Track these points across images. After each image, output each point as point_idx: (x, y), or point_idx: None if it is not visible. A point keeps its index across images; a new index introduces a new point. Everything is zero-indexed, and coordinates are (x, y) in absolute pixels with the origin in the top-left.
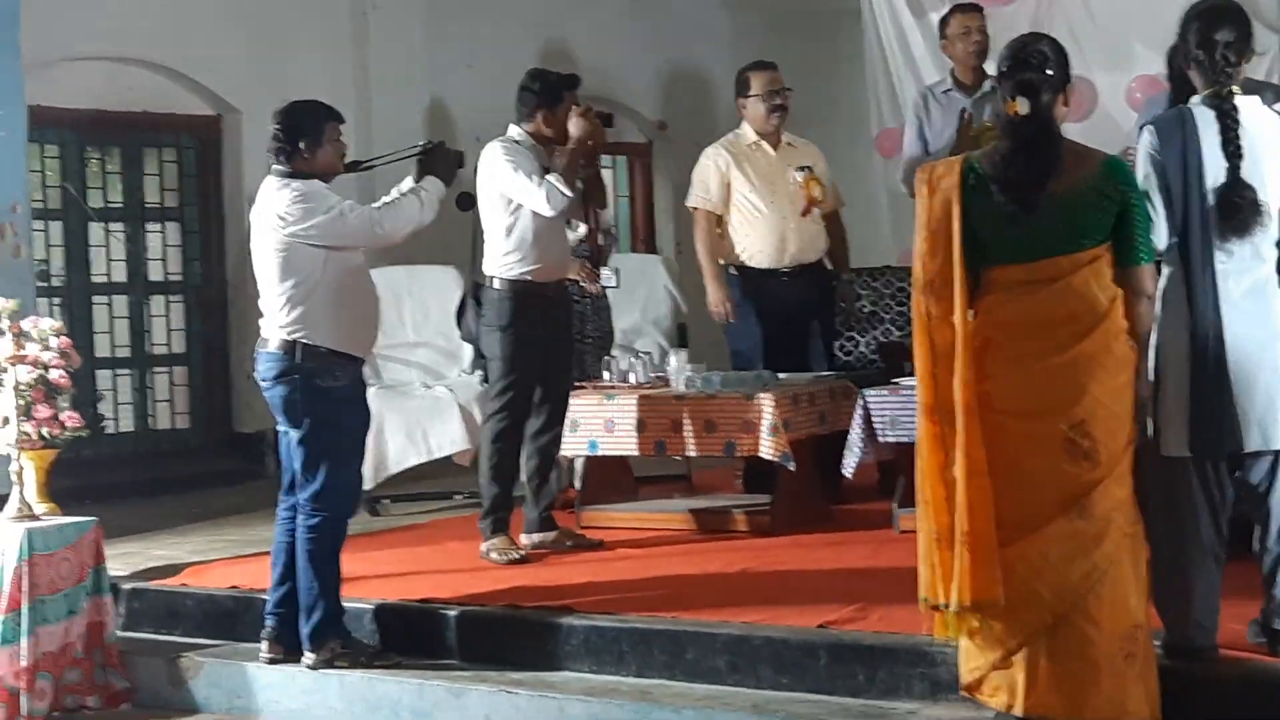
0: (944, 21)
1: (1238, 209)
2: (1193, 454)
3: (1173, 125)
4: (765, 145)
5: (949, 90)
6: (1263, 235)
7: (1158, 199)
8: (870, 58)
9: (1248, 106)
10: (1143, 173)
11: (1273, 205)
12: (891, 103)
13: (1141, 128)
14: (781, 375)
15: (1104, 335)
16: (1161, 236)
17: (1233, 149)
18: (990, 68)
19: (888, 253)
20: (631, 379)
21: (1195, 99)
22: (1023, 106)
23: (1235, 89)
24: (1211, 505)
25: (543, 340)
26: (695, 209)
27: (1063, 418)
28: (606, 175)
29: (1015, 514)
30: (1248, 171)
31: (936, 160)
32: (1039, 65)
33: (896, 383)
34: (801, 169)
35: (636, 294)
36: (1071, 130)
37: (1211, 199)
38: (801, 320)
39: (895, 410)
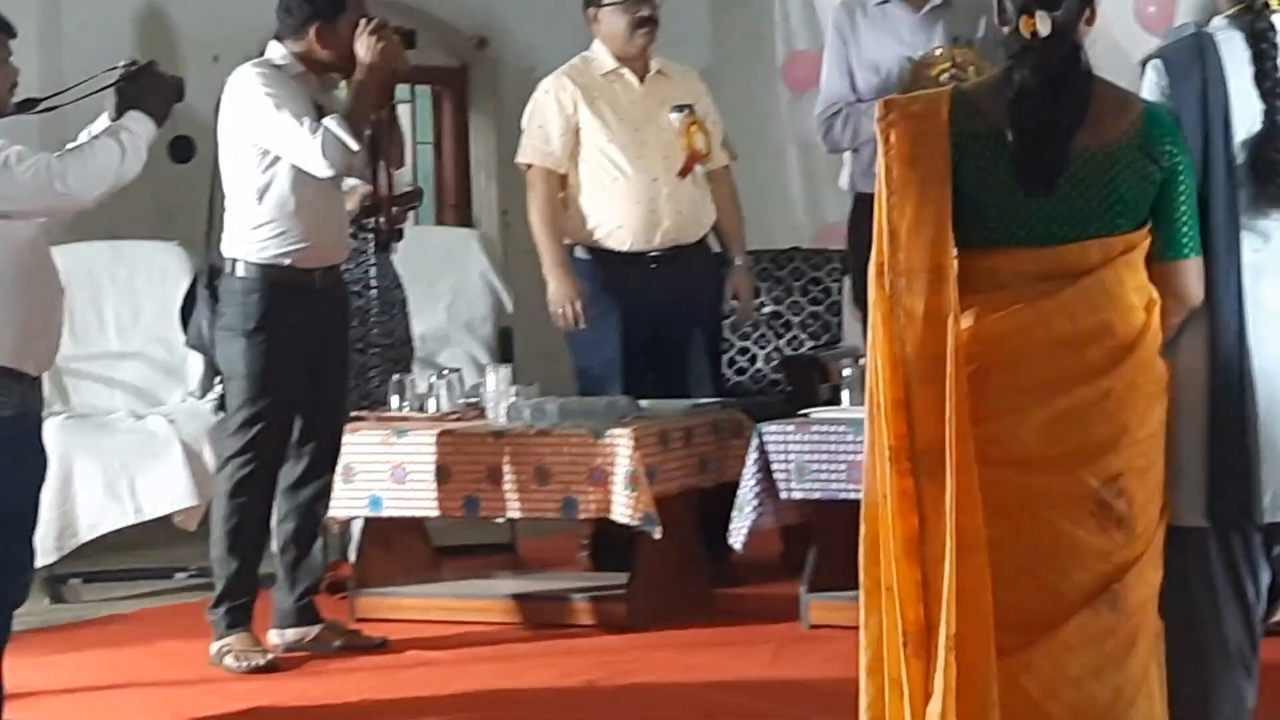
0: None
1: (1278, 168)
2: (1213, 523)
3: (1189, 58)
4: (628, 75)
5: (885, 2)
6: None
7: None
8: None
9: None
10: None
11: None
12: (806, 17)
13: (1144, 63)
14: (645, 403)
15: (1146, 355)
16: None
17: (1271, 85)
18: None
19: (798, 229)
20: (432, 406)
21: (1217, 20)
22: (1043, 25)
23: (1274, 4)
24: (1239, 593)
25: (306, 351)
26: (529, 166)
27: (1093, 469)
28: (404, 113)
29: (1020, 608)
30: None
31: (893, 95)
32: None
33: (807, 414)
34: (679, 109)
35: (442, 284)
36: None
37: (1241, 157)
38: (677, 324)
39: (805, 454)
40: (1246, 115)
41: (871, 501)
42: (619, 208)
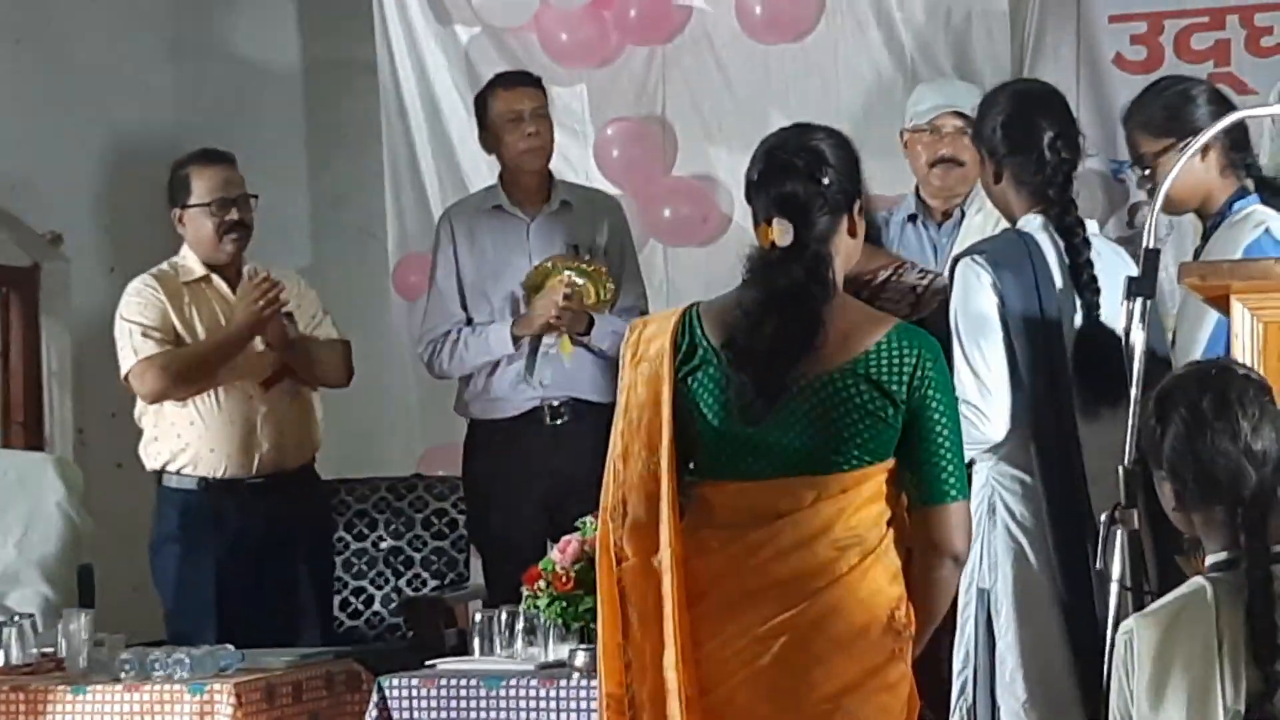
0: (481, 102)
1: (1103, 364)
2: None
3: (1017, 256)
4: (218, 283)
5: (497, 206)
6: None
7: (1001, 361)
8: (390, 137)
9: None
10: (974, 327)
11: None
12: (421, 215)
13: (955, 260)
14: (245, 651)
15: (839, 605)
16: (1000, 424)
17: (1089, 280)
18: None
19: (412, 453)
20: (0, 658)
21: (1027, 219)
22: (782, 234)
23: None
24: None
25: None
26: (132, 369)
27: None
28: None
29: None
30: (1107, 315)
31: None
32: (812, 171)
33: (433, 665)
34: (284, 314)
35: (11, 516)
36: (685, 257)
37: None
38: (280, 561)
39: (432, 712)
40: (1065, 314)
41: None
42: (209, 431)
